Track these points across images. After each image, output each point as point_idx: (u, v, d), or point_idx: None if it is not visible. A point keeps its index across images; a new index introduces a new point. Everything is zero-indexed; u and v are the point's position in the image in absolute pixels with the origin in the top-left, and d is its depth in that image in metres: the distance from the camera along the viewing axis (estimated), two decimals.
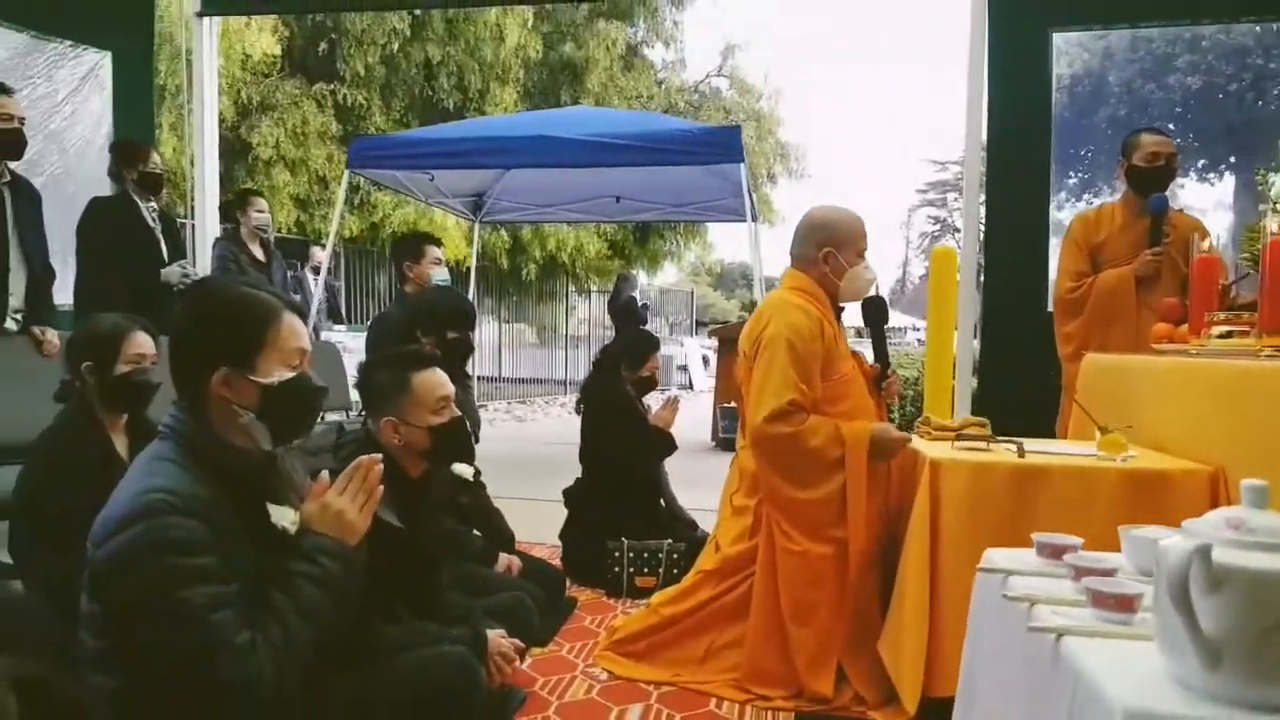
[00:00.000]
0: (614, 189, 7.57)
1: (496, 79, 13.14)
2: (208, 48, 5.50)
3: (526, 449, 8.25)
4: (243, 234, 5.00)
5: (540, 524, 4.15)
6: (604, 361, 4.07)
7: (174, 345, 1.61)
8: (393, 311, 3.96)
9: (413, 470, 2.30)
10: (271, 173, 11.50)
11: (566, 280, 15.94)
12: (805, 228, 2.89)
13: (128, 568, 1.40)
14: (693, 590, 2.87)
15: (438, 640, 2.18)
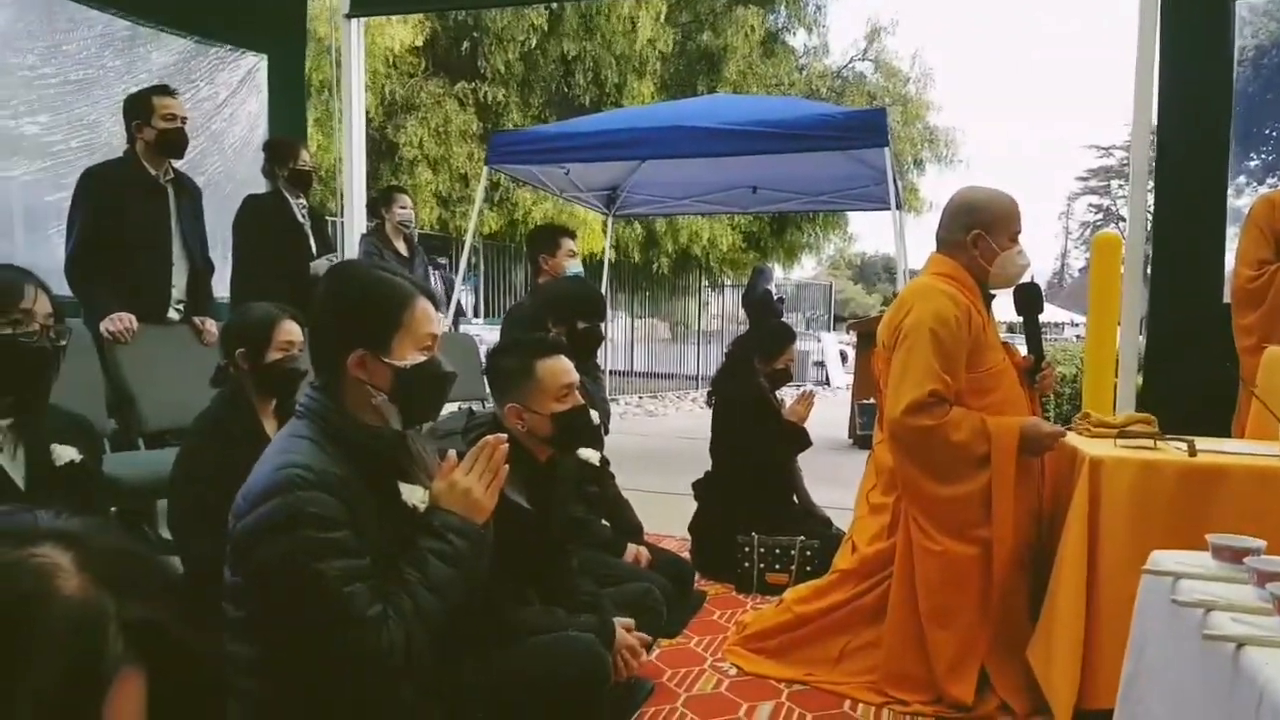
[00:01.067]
0: (750, 179, 7.47)
1: (633, 71, 13.21)
2: (356, 48, 5.74)
3: (657, 443, 8.26)
4: (387, 230, 5.19)
5: (669, 517, 4.12)
6: (737, 354, 3.99)
7: (313, 327, 1.66)
8: (525, 302, 4.02)
9: (540, 455, 2.30)
10: (415, 171, 11.94)
11: (699, 274, 15.89)
12: (953, 209, 2.73)
13: (265, 539, 1.45)
14: (828, 590, 2.78)
15: (566, 626, 2.19)
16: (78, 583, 0.61)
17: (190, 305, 3.89)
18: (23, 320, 1.79)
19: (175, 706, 0.65)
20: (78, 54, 4.58)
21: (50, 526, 0.64)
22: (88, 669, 0.59)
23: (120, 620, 0.61)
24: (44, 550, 0.61)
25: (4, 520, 0.66)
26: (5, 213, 4.36)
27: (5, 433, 1.83)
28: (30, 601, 0.59)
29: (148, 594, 0.65)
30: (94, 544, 0.64)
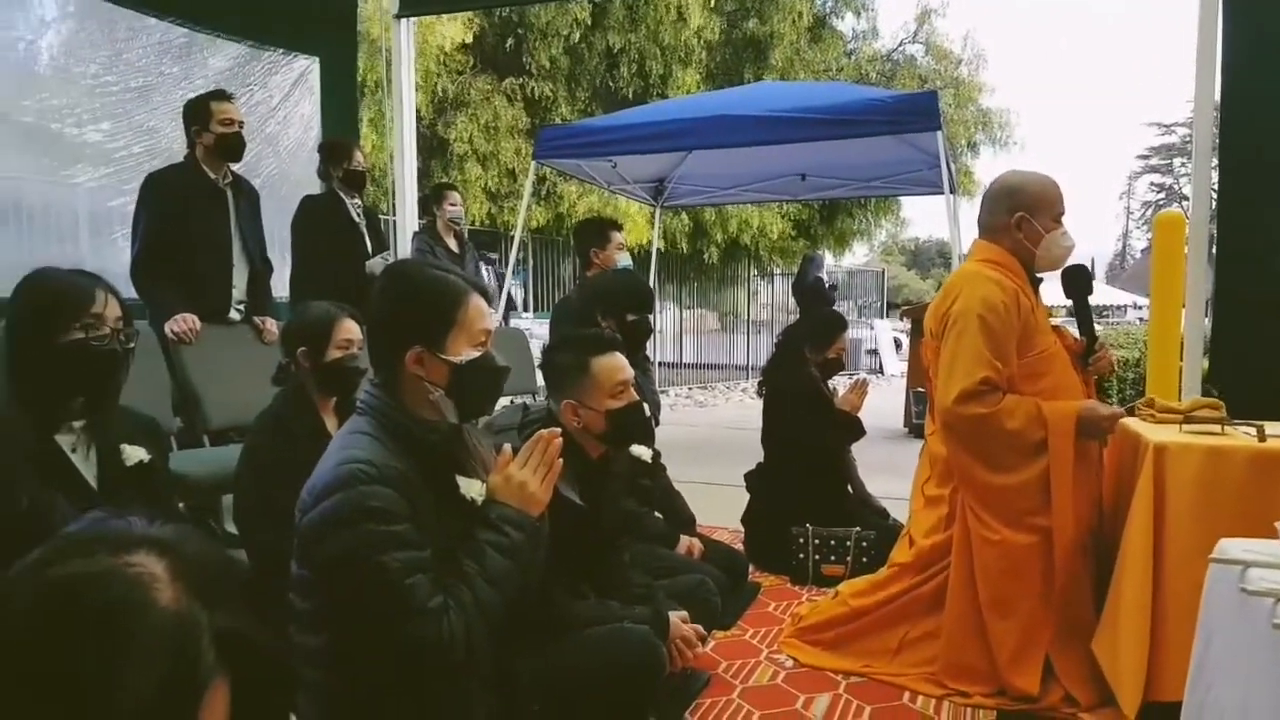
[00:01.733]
0: (799, 166, 7.39)
1: (678, 62, 13.16)
2: (405, 48, 5.80)
3: (707, 434, 8.25)
4: (438, 226, 5.25)
5: (721, 508, 4.12)
6: (787, 343, 3.96)
7: (371, 325, 1.70)
8: (573, 295, 4.03)
9: (592, 451, 2.32)
10: (465, 167, 12.06)
11: (748, 263, 15.79)
12: (994, 194, 2.68)
13: (329, 533, 1.49)
14: (885, 584, 2.76)
15: (620, 618, 2.20)
16: (172, 593, 0.62)
17: (250, 305, 3.99)
18: (94, 324, 1.84)
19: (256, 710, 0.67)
20: (137, 62, 4.70)
21: (144, 534, 0.66)
22: (184, 680, 0.61)
23: (213, 632, 0.63)
24: (139, 558, 0.63)
25: (99, 527, 0.67)
26: (71, 218, 4.49)
27: (78, 434, 1.89)
28: (128, 610, 0.60)
29: (235, 604, 0.66)
30: (186, 552, 0.66)
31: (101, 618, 0.60)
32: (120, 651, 0.59)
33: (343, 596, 1.51)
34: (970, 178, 15.54)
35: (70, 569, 0.62)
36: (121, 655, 0.59)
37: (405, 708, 1.55)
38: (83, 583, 0.61)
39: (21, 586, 0.62)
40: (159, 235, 3.67)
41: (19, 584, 0.62)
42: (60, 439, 1.87)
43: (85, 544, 0.65)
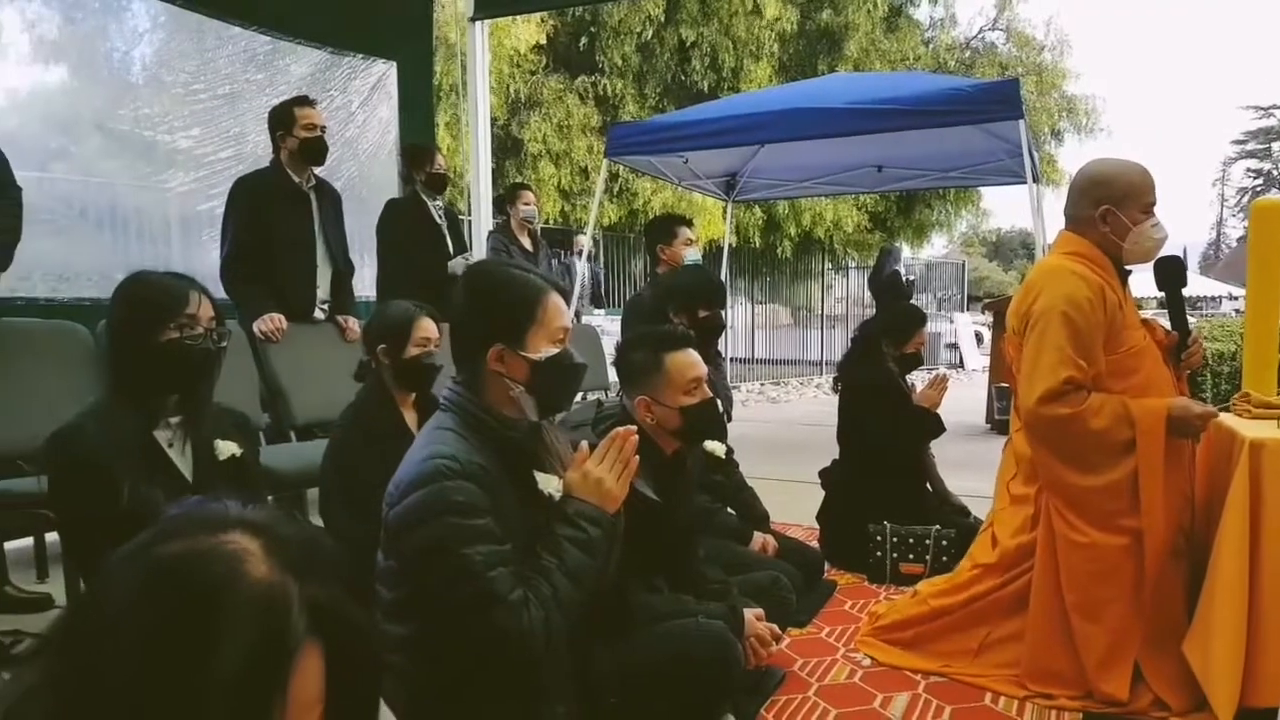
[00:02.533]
0: (875, 158, 7.26)
1: (750, 55, 13.07)
2: (480, 50, 5.90)
3: (781, 430, 8.18)
4: (513, 226, 5.33)
5: (796, 505, 4.08)
6: (864, 338, 3.90)
7: (454, 325, 1.74)
8: (645, 292, 4.04)
9: (666, 447, 2.32)
10: (538, 166, 12.19)
11: (823, 257, 15.60)
12: (1079, 185, 2.59)
13: (415, 526, 1.54)
14: (967, 584, 2.69)
15: (695, 614, 2.21)
16: (266, 567, 0.67)
17: (333, 305, 4.10)
18: (189, 324, 1.93)
19: (348, 678, 0.72)
20: (224, 70, 4.88)
21: (239, 515, 0.71)
22: (275, 645, 0.65)
23: (303, 601, 0.68)
24: (234, 537, 0.68)
25: (200, 510, 0.72)
26: (163, 222, 4.68)
27: (174, 430, 1.98)
28: (224, 583, 0.65)
29: (325, 577, 0.71)
30: (279, 531, 0.71)
31: (200, 590, 0.65)
32: (216, 620, 0.63)
33: (427, 587, 1.56)
34: (1054, 166, 15.08)
35: (172, 548, 0.67)
36: (217, 623, 0.63)
37: (487, 696, 1.59)
38: (183, 560, 0.66)
39: (128, 566, 0.67)
40: (247, 237, 3.80)
41: (125, 563, 0.67)
42: (158, 435, 1.95)
43: (186, 525, 0.70)
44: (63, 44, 4.22)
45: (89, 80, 4.35)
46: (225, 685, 0.62)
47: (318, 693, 0.69)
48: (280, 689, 0.65)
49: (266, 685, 0.64)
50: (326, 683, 0.70)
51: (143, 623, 0.63)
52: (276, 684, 0.65)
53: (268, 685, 0.64)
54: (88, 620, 0.67)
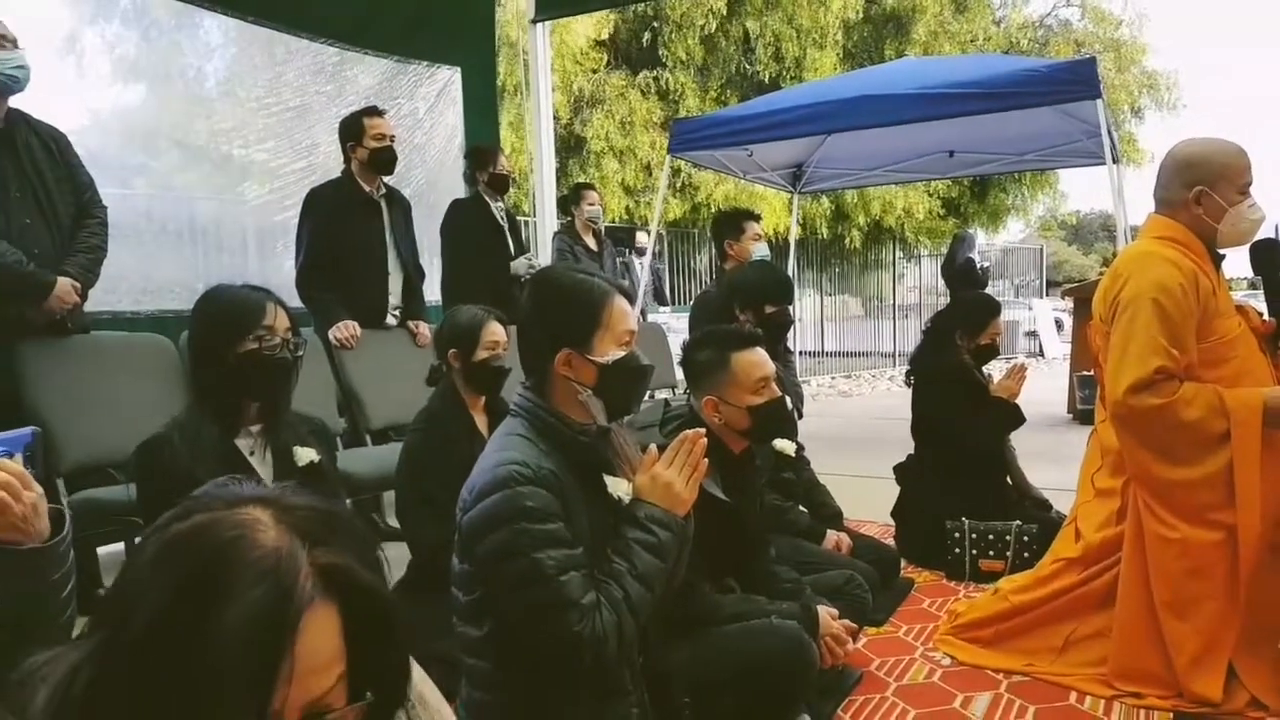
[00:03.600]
0: (947, 143, 7.09)
1: (814, 44, 12.90)
2: (542, 51, 5.93)
3: (852, 424, 8.06)
4: (577, 226, 5.36)
5: (869, 501, 4.02)
6: (937, 328, 3.80)
7: (521, 331, 1.76)
8: (712, 289, 4.03)
9: (734, 446, 2.31)
10: (602, 163, 12.23)
11: (893, 246, 15.32)
12: (1170, 166, 2.48)
13: (488, 531, 1.56)
14: (1050, 579, 2.61)
15: (768, 613, 2.19)
16: (275, 533, 0.73)
17: (405, 310, 4.19)
18: (266, 335, 1.98)
19: (367, 640, 0.76)
20: (295, 82, 5.00)
21: (253, 491, 0.77)
22: (281, 602, 0.70)
23: (312, 563, 0.72)
24: (247, 509, 0.74)
25: (218, 489, 0.79)
26: (240, 233, 4.81)
27: (255, 437, 2.04)
28: (234, 546, 0.71)
29: (337, 543, 0.75)
30: (289, 503, 0.76)
31: (211, 553, 0.71)
32: (225, 580, 0.69)
33: (500, 591, 1.58)
34: (1134, 145, 14.55)
35: (189, 523, 0.74)
36: (226, 583, 0.69)
37: (560, 697, 1.60)
38: (198, 528, 0.73)
39: (153, 538, 0.74)
40: (320, 247, 3.90)
41: (151, 536, 0.75)
42: (239, 443, 2.02)
43: (205, 502, 0.76)
44: (140, 62, 4.37)
45: (165, 96, 4.50)
46: (232, 640, 0.67)
47: (333, 653, 0.73)
48: (286, 646, 0.69)
49: (272, 642, 0.69)
50: (347, 644, 0.75)
51: (159, 585, 0.70)
52: (282, 641, 0.69)
53: (273, 642, 0.69)
54: (119, 589, 0.74)
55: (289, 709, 0.70)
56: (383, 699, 0.79)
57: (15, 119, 2.94)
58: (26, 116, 3.00)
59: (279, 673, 0.69)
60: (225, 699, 0.67)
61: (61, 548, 1.34)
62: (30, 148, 2.94)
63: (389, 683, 0.80)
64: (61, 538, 1.34)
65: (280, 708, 0.69)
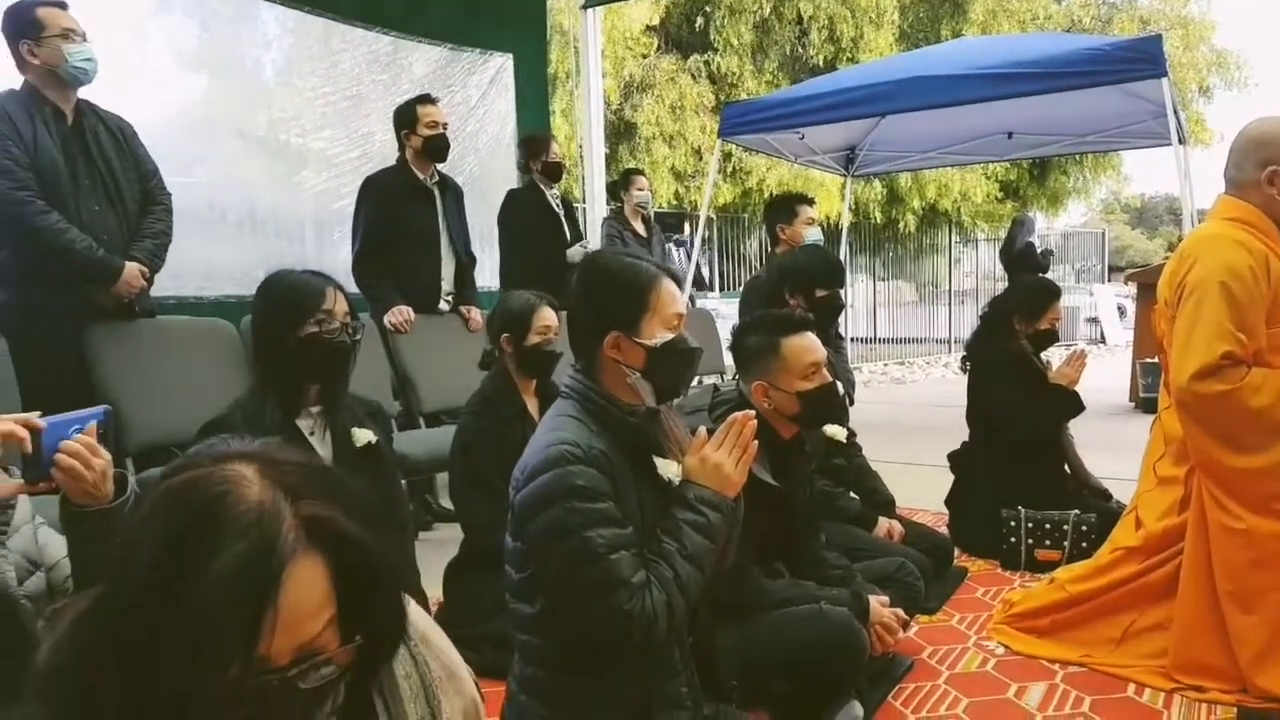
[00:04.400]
0: (1005, 124, 6.94)
1: (870, 24, 12.70)
2: (593, 37, 5.94)
3: (906, 411, 7.96)
4: (626, 212, 5.37)
5: (922, 489, 3.97)
6: (993, 315, 3.73)
7: (571, 314, 1.78)
8: (763, 274, 4.00)
9: (784, 432, 2.30)
10: (652, 149, 12.20)
11: (949, 230, 15.06)
12: (1242, 145, 2.40)
13: (539, 509, 1.58)
14: (1109, 568, 2.56)
15: (817, 599, 2.18)
16: (259, 488, 0.76)
17: (457, 296, 4.24)
18: (326, 319, 2.03)
19: (355, 590, 0.80)
20: (350, 71, 5.07)
21: (239, 449, 0.80)
22: (264, 555, 0.73)
23: (296, 515, 0.76)
24: (233, 465, 0.77)
25: (205, 448, 0.83)
26: (298, 220, 4.91)
27: (315, 419, 2.10)
28: (219, 501, 0.74)
29: (321, 496, 0.79)
30: (274, 459, 0.80)
31: (197, 507, 0.74)
32: (210, 532, 0.73)
33: (552, 569, 1.60)
34: (1202, 125, 14.08)
35: (179, 478, 0.78)
36: (213, 538, 0.72)
37: (612, 676, 1.62)
38: (186, 484, 0.76)
39: (146, 495, 0.79)
40: (376, 234, 3.96)
41: (146, 495, 0.80)
42: (300, 423, 2.08)
43: (194, 460, 0.80)
44: (200, 53, 4.47)
45: (225, 87, 4.59)
46: (218, 591, 0.71)
47: (321, 599, 0.77)
48: (270, 597, 0.72)
49: (256, 592, 0.72)
50: (336, 591, 0.78)
51: (149, 539, 0.74)
52: (266, 592, 0.72)
53: (257, 592, 0.72)
54: (119, 544, 0.78)
55: (278, 653, 0.74)
56: (377, 640, 0.84)
57: (84, 109, 3.03)
58: (94, 107, 3.08)
59: (263, 622, 0.72)
60: (211, 647, 0.71)
61: (126, 509, 1.41)
62: (98, 137, 3.03)
63: (382, 625, 0.85)
64: (125, 498, 1.41)
65: (267, 652, 0.73)
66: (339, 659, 0.78)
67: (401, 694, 0.93)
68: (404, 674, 0.94)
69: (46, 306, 2.93)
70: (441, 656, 1.02)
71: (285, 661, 0.74)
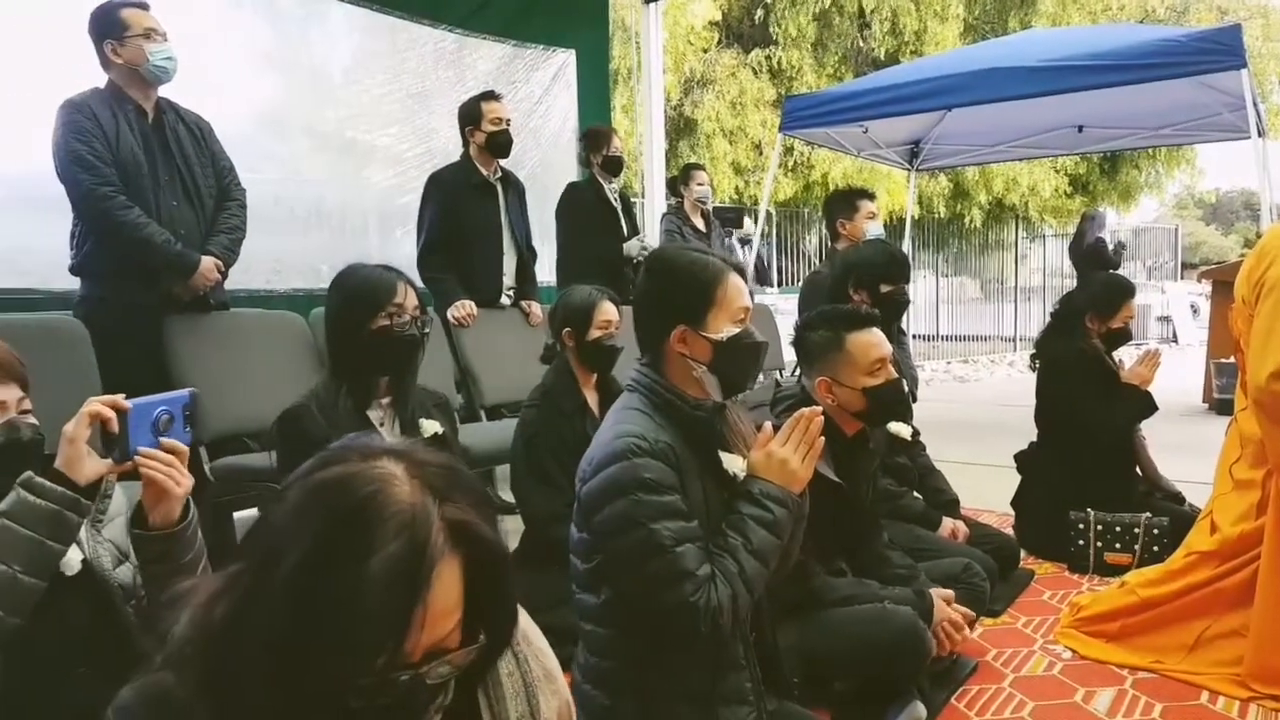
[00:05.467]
0: (1075, 117, 6.79)
1: (935, 16, 12.46)
2: (654, 32, 5.94)
3: (970, 410, 7.82)
4: (686, 207, 5.36)
5: (987, 490, 3.90)
6: (1066, 311, 3.64)
7: (637, 309, 1.79)
8: (823, 269, 3.96)
9: (848, 429, 2.28)
10: (711, 144, 12.15)
11: (1016, 225, 14.72)
12: None
13: (605, 501, 1.60)
14: (1182, 572, 2.49)
15: (880, 598, 2.17)
16: (409, 489, 0.78)
17: (518, 290, 4.29)
18: (397, 313, 2.08)
19: (485, 589, 0.82)
20: (416, 69, 5.13)
21: (386, 445, 0.82)
22: (417, 556, 0.75)
23: (442, 518, 0.78)
24: (383, 463, 0.79)
25: (355, 441, 0.85)
26: (363, 216, 4.98)
27: (385, 409, 2.15)
28: (373, 499, 0.76)
29: (462, 498, 0.81)
30: (421, 458, 0.82)
31: (352, 507, 0.76)
32: (368, 532, 0.75)
33: (618, 560, 1.62)
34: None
35: (329, 473, 0.79)
36: (369, 535, 0.74)
37: (674, 665, 1.63)
38: (339, 480, 0.78)
39: (295, 487, 0.80)
40: (440, 229, 4.02)
41: (294, 485, 0.80)
42: (370, 414, 2.12)
43: (342, 454, 0.82)
44: (271, 52, 4.56)
45: (294, 85, 4.68)
46: (374, 589, 0.73)
47: (455, 600, 0.79)
48: (421, 596, 0.75)
49: (409, 592, 0.74)
50: (465, 593, 0.80)
51: (305, 533, 0.75)
52: (417, 591, 0.75)
53: (410, 592, 0.74)
54: (262, 532, 0.80)
55: (416, 649, 0.76)
56: (494, 640, 0.86)
57: (164, 107, 3.12)
58: (174, 105, 3.18)
59: (413, 620, 0.74)
60: (363, 640, 0.73)
61: (188, 532, 1.44)
62: (178, 134, 3.12)
63: (500, 626, 0.87)
64: (188, 520, 1.45)
65: (410, 648, 0.75)
66: (461, 658, 0.81)
67: (505, 692, 0.96)
68: (507, 672, 0.97)
69: (127, 299, 3.02)
70: (540, 656, 1.04)
71: (418, 658, 0.77)
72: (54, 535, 1.34)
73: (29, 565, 1.32)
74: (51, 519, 1.33)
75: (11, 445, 1.42)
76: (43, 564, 1.34)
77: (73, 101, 2.92)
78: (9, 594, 1.30)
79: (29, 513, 1.32)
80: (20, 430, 1.45)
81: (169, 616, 0.83)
